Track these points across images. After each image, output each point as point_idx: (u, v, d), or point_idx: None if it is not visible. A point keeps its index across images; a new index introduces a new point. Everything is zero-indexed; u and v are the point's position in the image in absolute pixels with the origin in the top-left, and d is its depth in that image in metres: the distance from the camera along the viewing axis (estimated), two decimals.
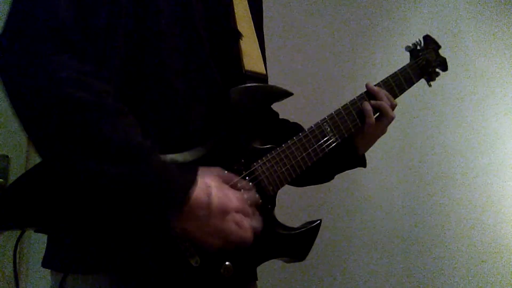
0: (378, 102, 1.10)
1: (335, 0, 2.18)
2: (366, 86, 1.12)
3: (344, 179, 1.20)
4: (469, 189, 2.29)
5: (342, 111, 1.07)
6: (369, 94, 1.11)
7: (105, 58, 0.79)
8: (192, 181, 0.76)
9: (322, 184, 1.20)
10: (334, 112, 1.06)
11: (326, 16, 2.15)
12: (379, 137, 1.14)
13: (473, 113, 2.36)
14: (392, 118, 1.12)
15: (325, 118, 1.04)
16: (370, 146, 1.16)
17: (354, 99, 1.10)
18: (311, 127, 1.02)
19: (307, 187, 1.21)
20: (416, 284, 2.12)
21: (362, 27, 2.20)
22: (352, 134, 1.08)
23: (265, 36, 1.12)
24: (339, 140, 1.05)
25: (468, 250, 2.23)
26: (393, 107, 1.13)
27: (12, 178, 1.60)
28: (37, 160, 0.76)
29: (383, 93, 1.12)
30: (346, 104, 1.08)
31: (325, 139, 1.03)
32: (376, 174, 2.13)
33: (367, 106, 1.09)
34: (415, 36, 1.30)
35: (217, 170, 0.83)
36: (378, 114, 1.11)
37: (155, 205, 0.72)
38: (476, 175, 2.32)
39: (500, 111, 2.42)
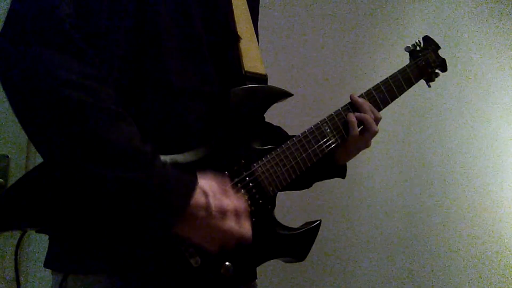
0: (362, 114, 1.08)
1: (335, 1, 2.18)
2: (350, 97, 1.10)
3: (342, 179, 1.19)
4: (469, 189, 2.29)
5: (335, 116, 1.06)
6: (353, 106, 1.09)
7: (105, 59, 0.78)
8: (193, 186, 0.76)
9: (322, 185, 1.20)
10: (334, 113, 1.07)
11: (326, 17, 2.15)
12: (361, 150, 1.12)
13: (473, 113, 2.36)
14: (375, 132, 1.09)
15: (324, 119, 1.05)
16: (350, 158, 1.13)
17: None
18: (311, 128, 1.02)
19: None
20: (416, 284, 2.12)
21: (362, 27, 2.20)
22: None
23: (265, 37, 1.12)
24: (339, 141, 1.05)
25: (468, 250, 2.23)
26: (377, 120, 1.11)
27: (12, 178, 1.60)
28: (37, 160, 0.76)
29: (367, 105, 1.10)
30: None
31: (324, 140, 1.03)
32: (376, 174, 2.13)
33: (352, 117, 1.07)
34: (415, 37, 1.30)
35: (211, 173, 0.83)
36: (361, 127, 1.08)
37: (156, 211, 0.72)
38: (476, 175, 2.32)
39: (500, 111, 2.42)
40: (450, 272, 2.18)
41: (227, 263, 0.85)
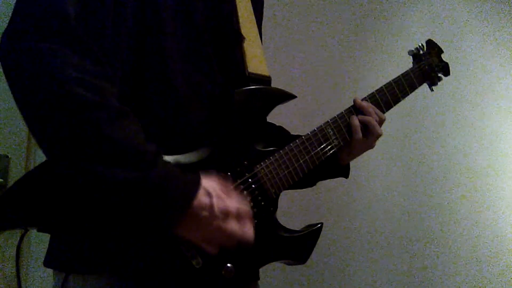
0: (366, 117, 1.08)
1: (337, 2, 2.17)
2: (354, 101, 1.09)
3: (345, 179, 1.19)
4: (469, 189, 2.29)
5: (338, 119, 1.06)
6: (357, 109, 1.09)
7: (108, 57, 0.78)
8: (196, 186, 0.76)
9: (322, 185, 1.19)
10: (337, 115, 1.06)
11: (328, 19, 2.14)
12: (365, 151, 1.12)
13: (473, 113, 2.36)
14: (379, 135, 1.09)
15: (328, 122, 1.05)
16: (353, 158, 1.13)
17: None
18: (314, 130, 1.02)
19: (307, 188, 1.20)
20: (416, 284, 2.12)
21: (365, 30, 2.20)
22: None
23: (267, 39, 1.12)
24: (342, 143, 1.05)
25: (468, 250, 2.23)
26: (381, 122, 1.10)
27: (12, 178, 1.60)
28: (37, 160, 0.76)
29: (371, 108, 1.09)
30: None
31: (327, 142, 1.03)
32: (376, 174, 2.13)
33: (355, 121, 1.06)
34: (416, 38, 1.30)
35: (214, 173, 0.83)
36: (365, 130, 1.07)
37: (156, 210, 0.72)
38: (476, 175, 2.32)
39: (500, 111, 2.42)
40: (450, 272, 2.19)
41: (228, 264, 0.85)
